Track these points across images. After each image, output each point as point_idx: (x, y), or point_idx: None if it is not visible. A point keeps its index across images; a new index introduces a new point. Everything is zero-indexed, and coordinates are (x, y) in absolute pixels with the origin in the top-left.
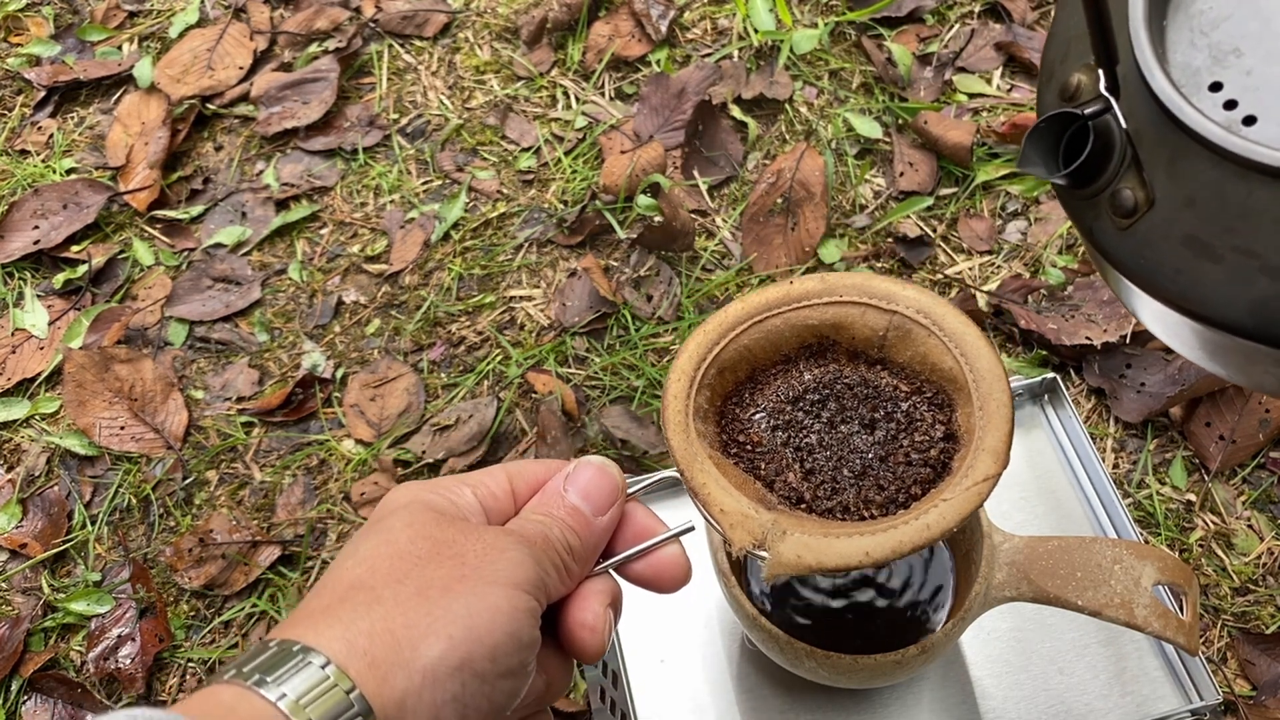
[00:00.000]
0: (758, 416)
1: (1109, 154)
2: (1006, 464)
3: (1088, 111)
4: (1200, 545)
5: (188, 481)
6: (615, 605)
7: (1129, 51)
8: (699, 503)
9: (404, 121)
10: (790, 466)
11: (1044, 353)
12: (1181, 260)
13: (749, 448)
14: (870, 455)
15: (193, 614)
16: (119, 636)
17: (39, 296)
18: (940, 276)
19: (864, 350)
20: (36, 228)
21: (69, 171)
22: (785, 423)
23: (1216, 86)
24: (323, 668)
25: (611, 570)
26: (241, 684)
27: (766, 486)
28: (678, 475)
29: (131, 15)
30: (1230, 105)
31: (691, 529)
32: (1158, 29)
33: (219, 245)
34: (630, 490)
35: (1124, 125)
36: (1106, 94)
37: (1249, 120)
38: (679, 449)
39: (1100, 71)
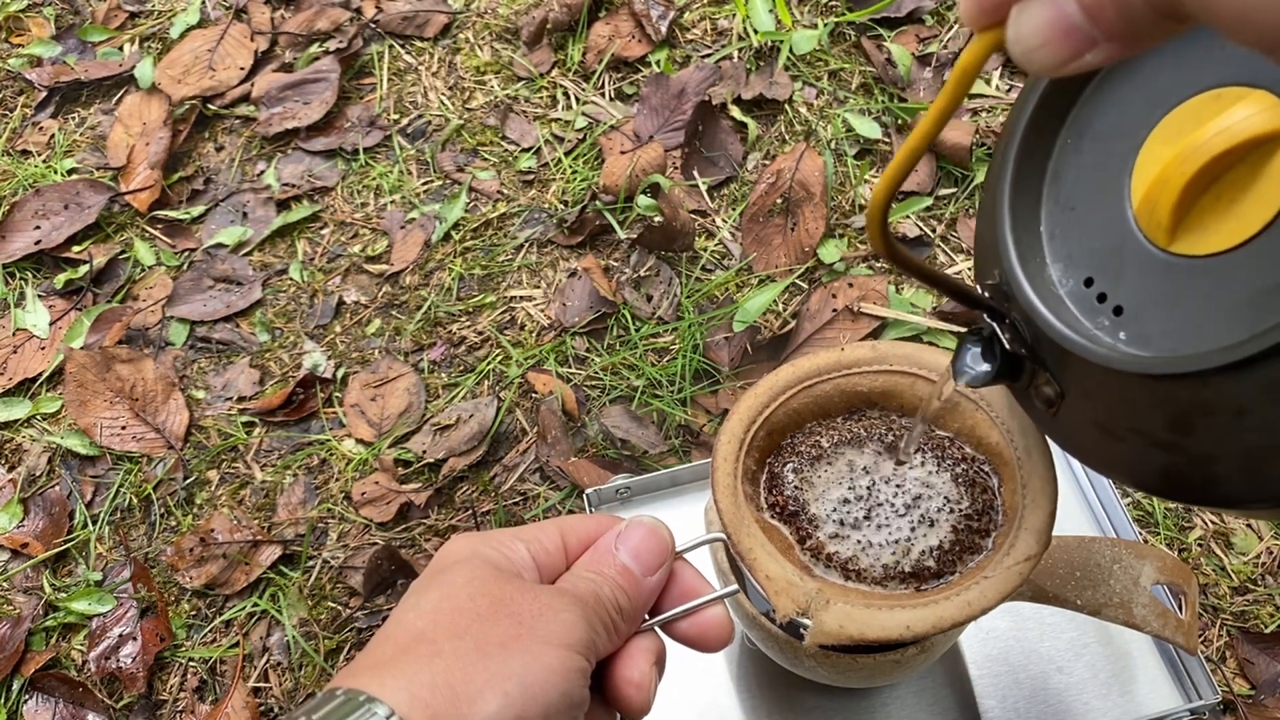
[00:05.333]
0: (804, 480)
1: (1020, 360)
2: (1048, 545)
3: (986, 330)
4: (1199, 545)
5: (189, 481)
6: (660, 662)
7: (1003, 268)
8: (745, 566)
9: (404, 122)
10: (834, 532)
11: None
12: (1095, 441)
13: (794, 511)
14: (913, 525)
15: (194, 613)
16: (120, 636)
17: (40, 296)
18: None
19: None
20: (38, 228)
21: (70, 172)
22: (831, 488)
23: (1089, 281)
24: (388, 718)
25: (658, 629)
26: None
27: (811, 551)
28: (724, 538)
29: (132, 16)
30: (1102, 298)
31: (737, 591)
32: (1033, 235)
33: (220, 245)
34: (678, 550)
35: (1022, 337)
36: (990, 322)
37: (1118, 310)
38: (728, 512)
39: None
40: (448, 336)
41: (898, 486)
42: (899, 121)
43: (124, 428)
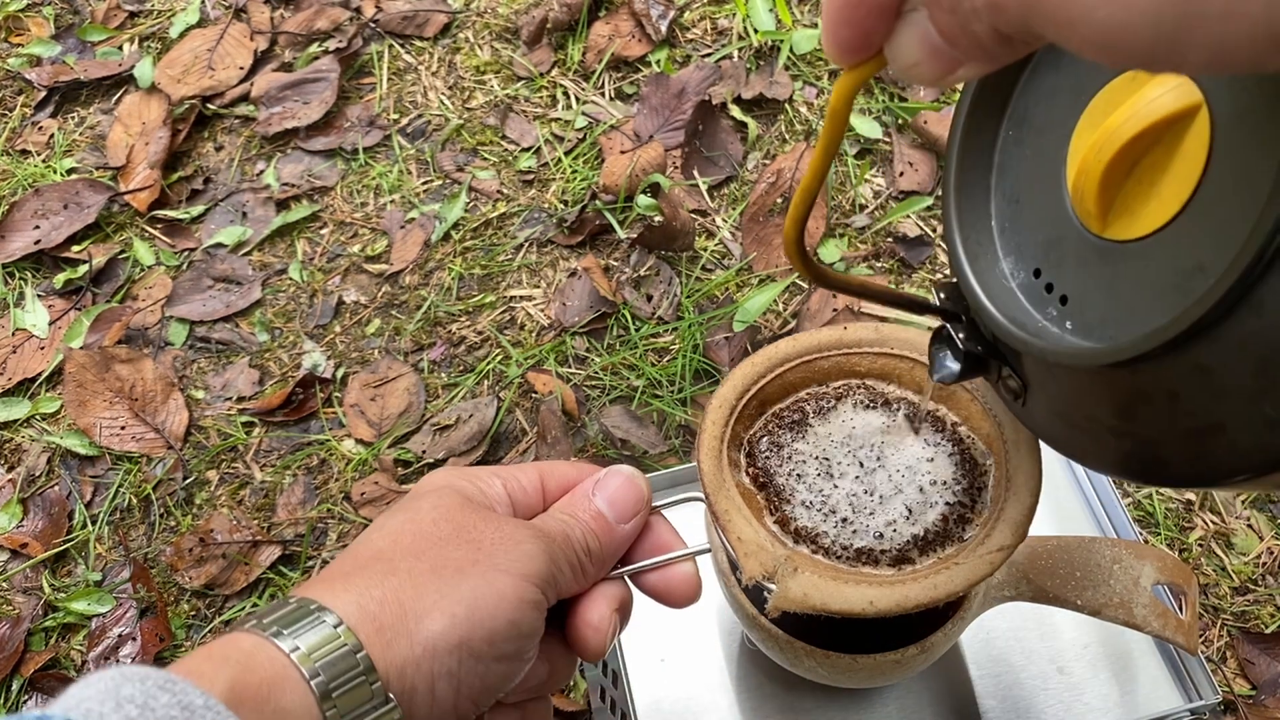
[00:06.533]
0: (790, 452)
1: (984, 356)
2: (1024, 538)
3: (945, 332)
4: (1200, 545)
5: (188, 481)
6: (624, 610)
7: (955, 267)
8: (719, 527)
9: (404, 121)
10: (812, 506)
11: None
12: (1058, 429)
13: (775, 483)
14: (898, 509)
15: (193, 613)
16: (119, 636)
17: (40, 296)
18: (939, 276)
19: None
20: (37, 228)
21: (70, 171)
22: (816, 462)
23: (1038, 272)
24: (335, 627)
25: (627, 578)
26: (260, 634)
27: (786, 521)
28: (703, 497)
29: (132, 15)
30: (1049, 288)
31: (708, 550)
32: (984, 230)
33: (219, 245)
34: (655, 505)
35: (982, 334)
36: (947, 325)
37: (1064, 300)
38: (709, 473)
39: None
40: (447, 336)
41: (887, 468)
42: (899, 121)
43: (123, 428)
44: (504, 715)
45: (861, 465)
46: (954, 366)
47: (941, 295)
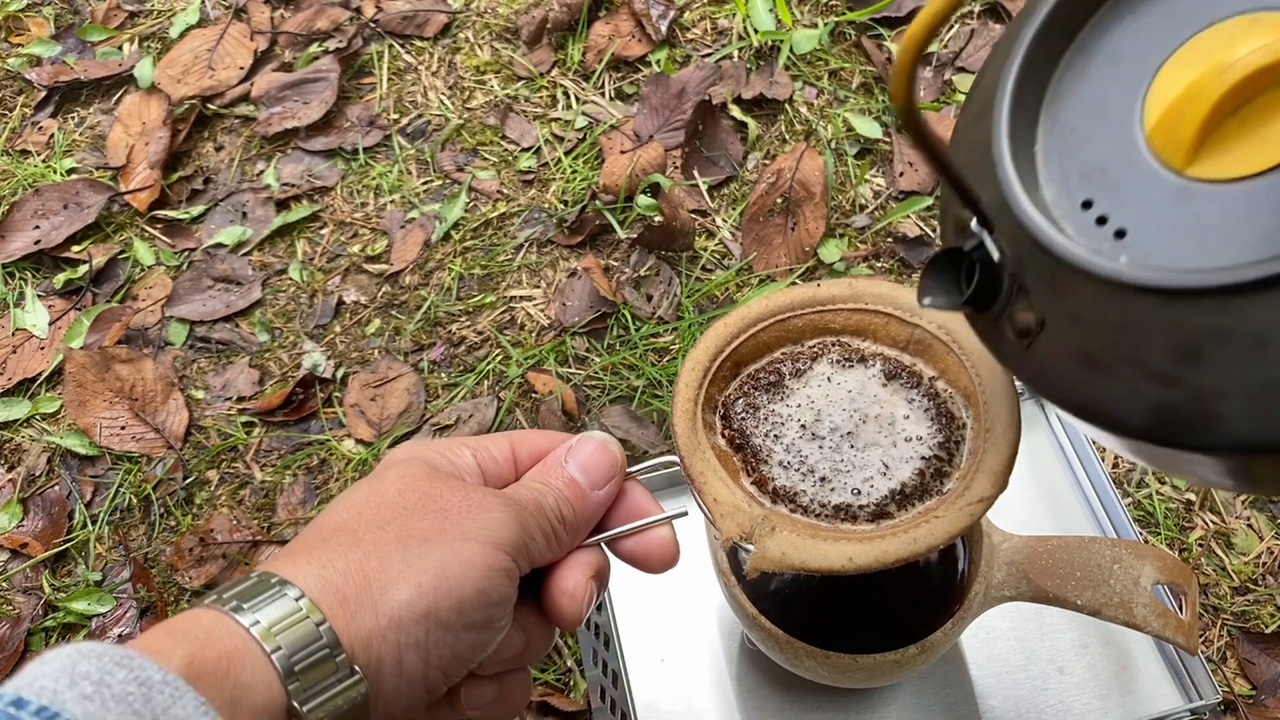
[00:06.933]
0: (766, 413)
1: (998, 283)
2: (1004, 489)
3: (969, 246)
4: (1200, 545)
5: (188, 481)
6: (600, 577)
7: (996, 184)
8: (695, 490)
9: (404, 121)
10: (788, 465)
11: None
12: (1077, 375)
13: (754, 442)
14: (874, 464)
15: None
16: (120, 636)
17: (40, 296)
18: None
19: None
20: (37, 228)
21: (69, 171)
22: (793, 422)
23: (1088, 204)
24: (296, 600)
25: (603, 545)
26: (220, 609)
27: (764, 481)
28: (678, 460)
29: (132, 15)
30: (1101, 221)
31: (685, 514)
32: (1026, 156)
33: (219, 245)
34: (630, 471)
35: (1005, 256)
36: (978, 230)
37: (1120, 234)
38: (682, 435)
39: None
40: (447, 336)
41: (864, 425)
42: (899, 121)
43: (123, 428)
44: (481, 688)
45: (838, 424)
46: (954, 294)
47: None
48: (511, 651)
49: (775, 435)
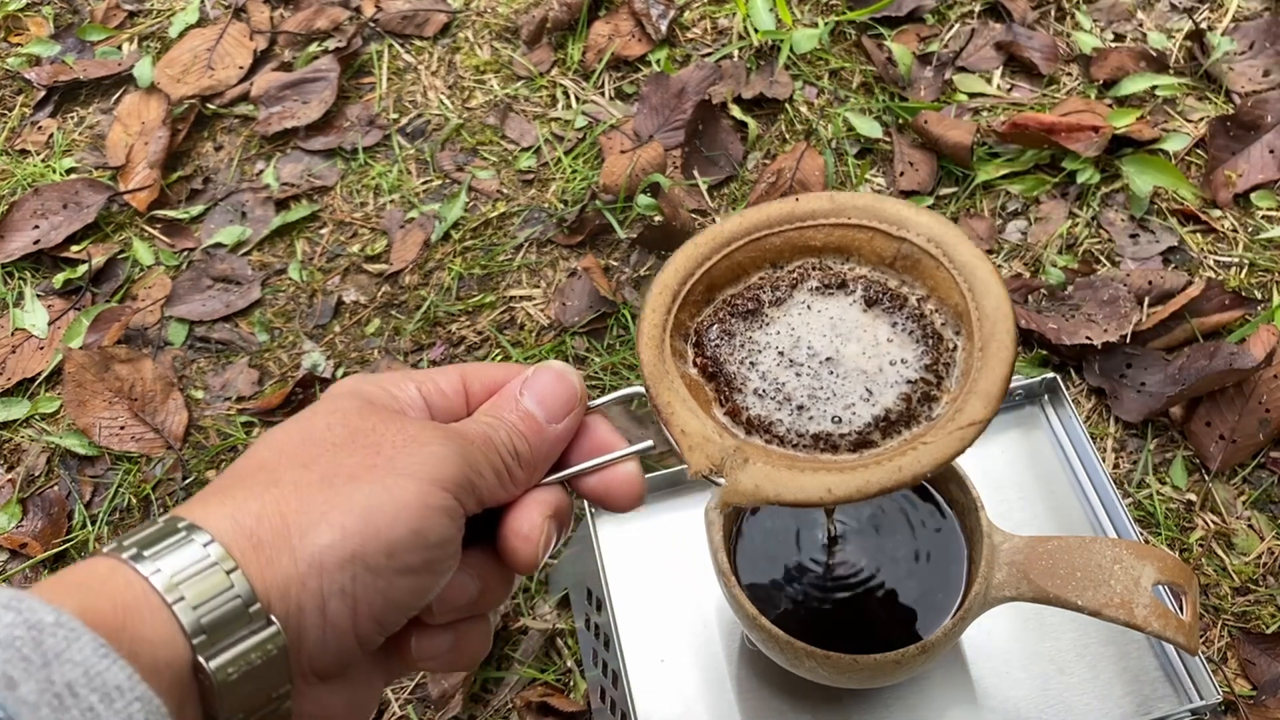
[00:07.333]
0: (743, 339)
1: None
2: (996, 411)
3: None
4: (1200, 545)
5: (188, 481)
6: (560, 518)
7: None
8: (662, 421)
9: (404, 121)
10: (764, 393)
11: (1044, 352)
12: None
13: (728, 370)
14: (857, 389)
15: None
16: None
17: (39, 296)
18: None
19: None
20: (36, 227)
21: (69, 171)
22: (771, 350)
23: None
24: (205, 545)
25: (566, 485)
26: (117, 557)
27: (738, 411)
28: (643, 390)
29: (131, 15)
30: None
31: (651, 448)
32: None
33: (219, 245)
34: (594, 404)
35: None
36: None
37: None
38: (648, 363)
39: None
40: (447, 336)
41: (847, 349)
42: (899, 120)
43: (123, 428)
44: (433, 638)
45: (818, 349)
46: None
47: None
48: (465, 599)
49: (751, 363)
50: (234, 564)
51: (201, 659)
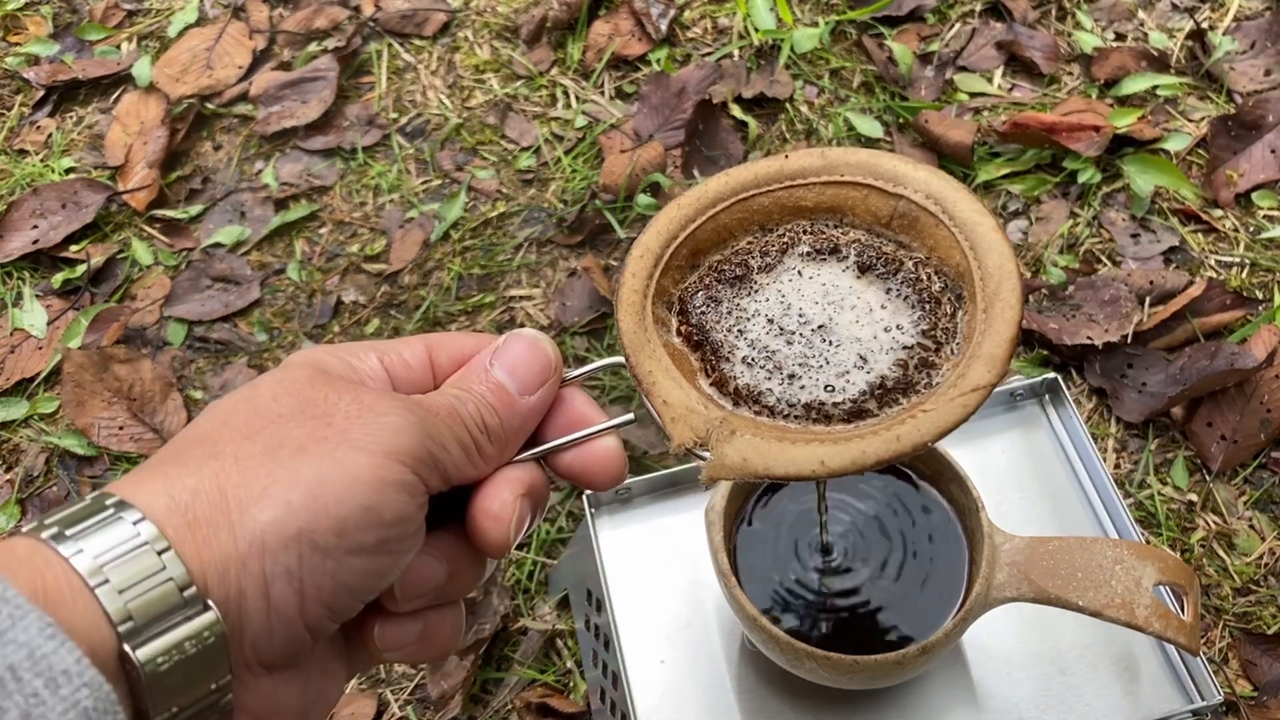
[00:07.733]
0: (730, 306)
1: None
2: (1002, 376)
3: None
4: (1201, 545)
5: None
6: (534, 496)
7: None
8: (643, 391)
9: (403, 121)
10: (753, 362)
11: (1045, 352)
12: None
13: (714, 338)
14: (850, 356)
15: None
16: None
17: (37, 296)
18: None
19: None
20: (35, 227)
21: (68, 171)
22: (760, 317)
23: None
24: (134, 524)
25: (541, 462)
26: (37, 537)
27: (725, 381)
28: (623, 360)
29: (130, 14)
30: None
31: (632, 421)
32: None
33: (218, 245)
34: (570, 375)
35: None
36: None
37: None
38: (628, 331)
39: None
40: None
41: (841, 314)
42: (900, 120)
43: (121, 428)
44: (399, 627)
45: (810, 316)
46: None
47: None
48: (431, 584)
49: (739, 330)
50: (166, 544)
51: (128, 648)
